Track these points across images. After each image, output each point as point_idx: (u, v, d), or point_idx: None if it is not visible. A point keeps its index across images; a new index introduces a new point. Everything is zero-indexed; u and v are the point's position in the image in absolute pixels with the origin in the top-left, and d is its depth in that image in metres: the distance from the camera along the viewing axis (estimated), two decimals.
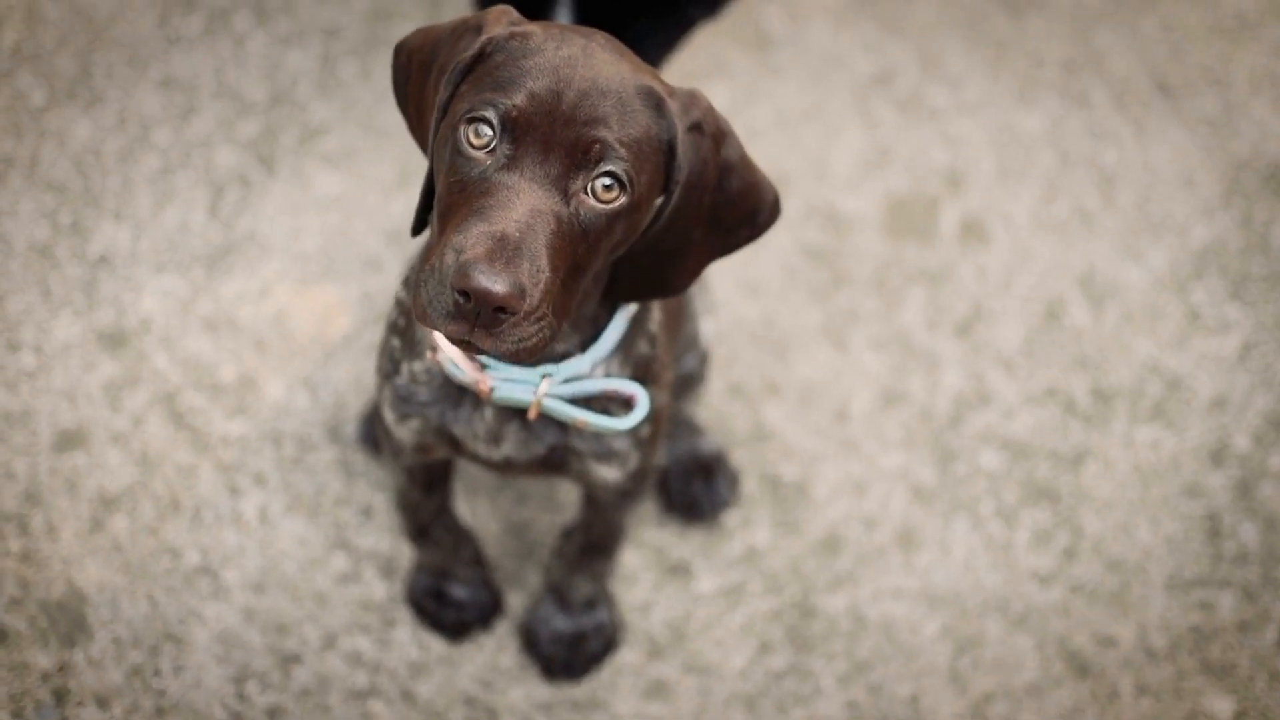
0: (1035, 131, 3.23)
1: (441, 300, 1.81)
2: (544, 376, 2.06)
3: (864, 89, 3.27)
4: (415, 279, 1.86)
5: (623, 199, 1.86)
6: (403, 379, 2.18)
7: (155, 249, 2.96)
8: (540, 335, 1.84)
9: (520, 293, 1.79)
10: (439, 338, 2.08)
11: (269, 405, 2.82)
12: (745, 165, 1.99)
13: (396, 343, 2.19)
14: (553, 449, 2.17)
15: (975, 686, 2.65)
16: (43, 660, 2.58)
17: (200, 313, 2.90)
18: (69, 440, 2.77)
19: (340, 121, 3.14)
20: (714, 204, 1.97)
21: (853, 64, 3.30)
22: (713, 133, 1.94)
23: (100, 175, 3.04)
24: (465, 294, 1.78)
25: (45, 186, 3.02)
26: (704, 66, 3.27)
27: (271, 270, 2.95)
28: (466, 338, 1.83)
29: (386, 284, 2.94)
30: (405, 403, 2.19)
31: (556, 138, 1.84)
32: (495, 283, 1.78)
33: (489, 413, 2.14)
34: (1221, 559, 2.77)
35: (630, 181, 1.86)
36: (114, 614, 2.63)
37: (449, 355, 2.07)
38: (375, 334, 2.90)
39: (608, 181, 1.85)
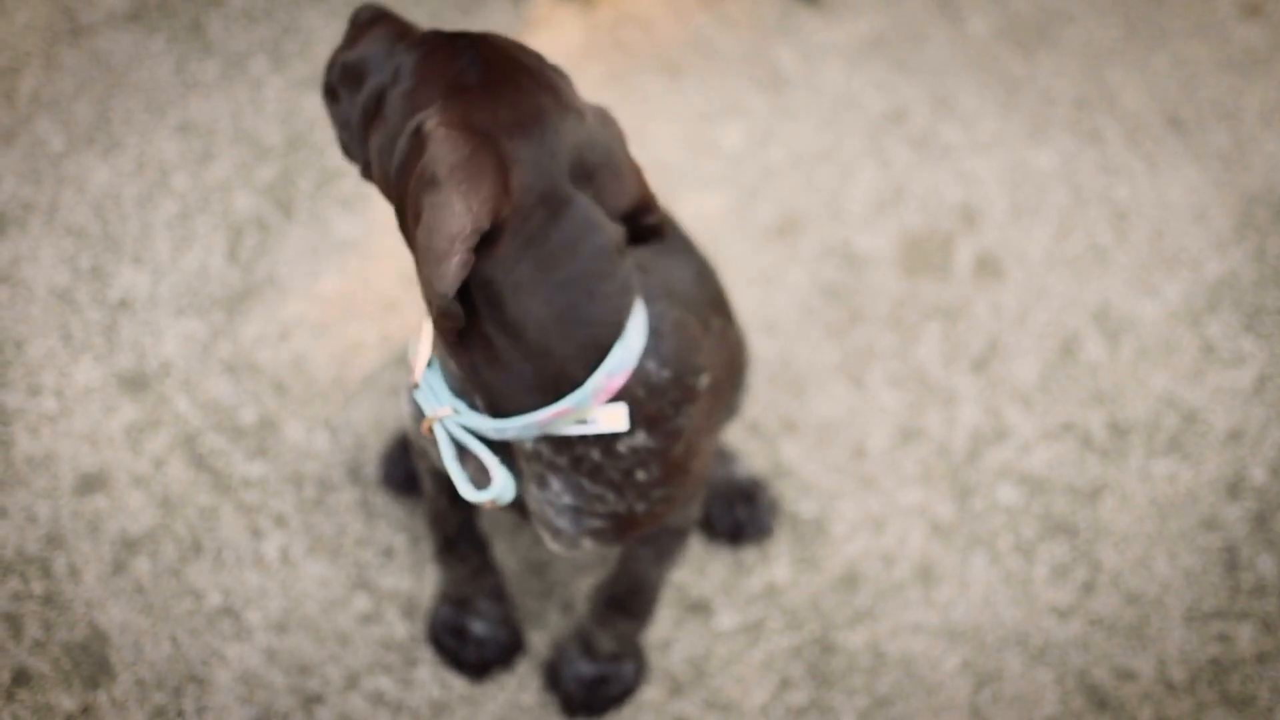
0: (1048, 168, 3.24)
1: None
2: (454, 408, 2.08)
3: (877, 128, 3.29)
4: None
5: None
6: None
7: (175, 293, 2.98)
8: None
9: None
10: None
11: (289, 447, 2.84)
12: None
13: None
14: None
15: None
16: (66, 702, 2.59)
17: (220, 356, 2.92)
18: (91, 483, 2.78)
19: None
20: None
21: (866, 104, 3.32)
22: (428, 155, 1.96)
23: (119, 220, 3.06)
24: None
25: (65, 232, 3.04)
26: (718, 107, 3.29)
27: (290, 313, 2.97)
28: None
29: (405, 325, 2.95)
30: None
31: None
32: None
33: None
34: (1239, 591, 2.78)
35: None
36: (137, 655, 2.64)
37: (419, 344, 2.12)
38: (395, 376, 2.91)
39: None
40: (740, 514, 2.78)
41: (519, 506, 2.20)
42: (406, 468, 2.77)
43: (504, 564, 2.75)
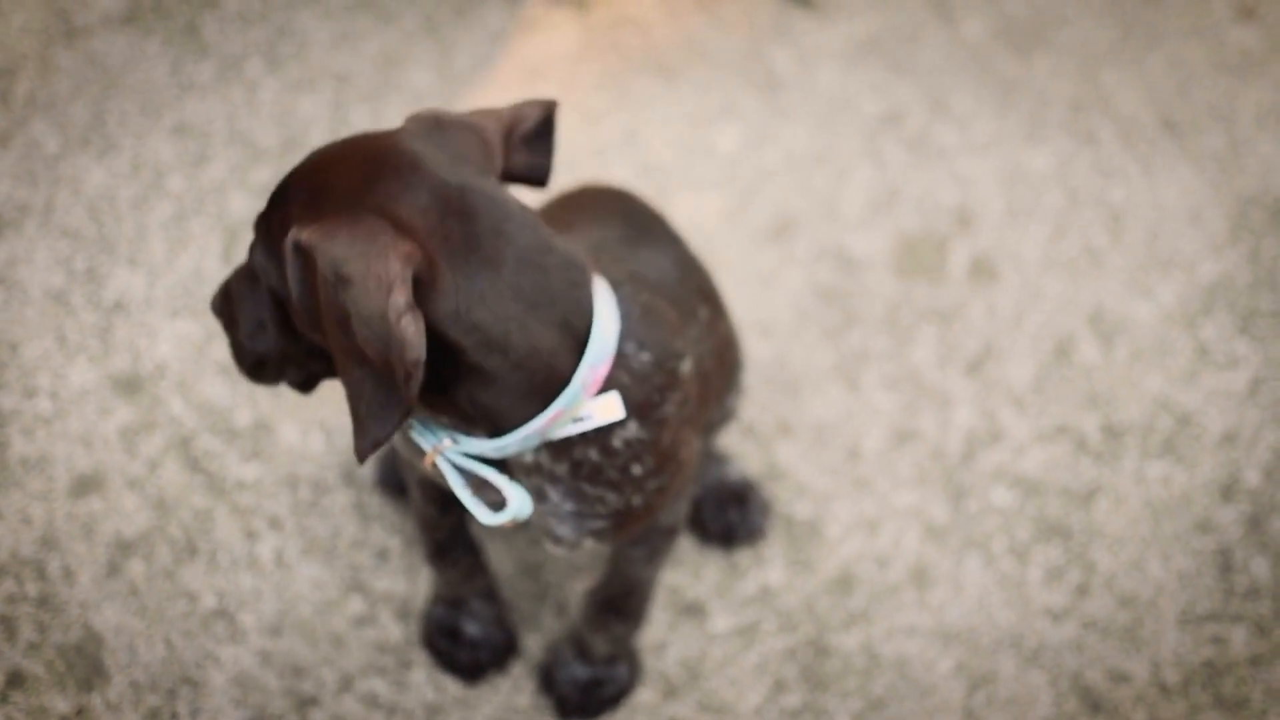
0: (1043, 170, 3.24)
1: None
2: (450, 438, 2.04)
3: (873, 130, 3.29)
4: None
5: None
6: None
7: (170, 294, 2.98)
8: (238, 353, 2.13)
9: (220, 317, 2.13)
10: None
11: (284, 449, 2.84)
12: None
13: None
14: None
15: None
16: (61, 704, 2.59)
17: (215, 357, 2.92)
18: (85, 485, 2.78)
19: None
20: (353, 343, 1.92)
21: (861, 105, 3.32)
22: (325, 274, 1.89)
23: (114, 222, 3.06)
24: None
25: (60, 233, 3.04)
26: (713, 109, 3.29)
27: None
28: None
29: None
30: None
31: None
32: (213, 302, 2.15)
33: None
34: (1233, 594, 2.78)
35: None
36: (131, 658, 2.64)
37: None
38: None
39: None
40: (732, 516, 2.78)
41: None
42: (400, 470, 2.77)
43: (498, 567, 2.75)
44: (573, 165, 3.19)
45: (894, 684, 2.69)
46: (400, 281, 1.81)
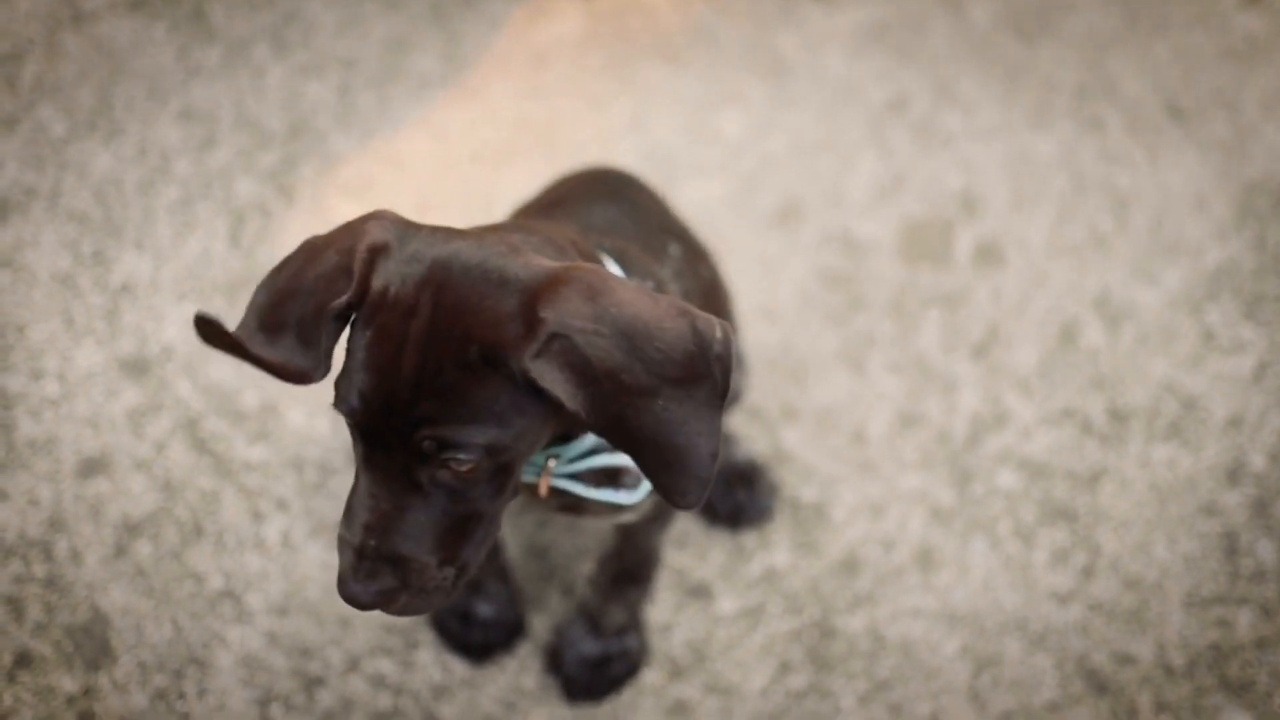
0: (1049, 156, 3.24)
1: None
2: (550, 457, 2.02)
3: (878, 116, 3.29)
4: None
5: (485, 461, 1.78)
6: None
7: (176, 278, 2.99)
8: (445, 587, 1.86)
9: (389, 595, 1.82)
10: None
11: (290, 431, 2.84)
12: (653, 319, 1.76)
13: None
14: (562, 497, 2.14)
15: (995, 705, 2.66)
16: (68, 684, 2.59)
17: None
18: (92, 467, 2.79)
19: (359, 151, 3.17)
20: (646, 373, 1.75)
21: (867, 92, 3.32)
22: (581, 327, 1.72)
23: (121, 206, 3.06)
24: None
25: (67, 217, 3.04)
26: (719, 95, 3.29)
27: None
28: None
29: None
30: None
31: (395, 436, 1.76)
32: (362, 596, 1.81)
33: None
34: (1239, 576, 2.78)
35: (479, 448, 1.76)
36: (138, 638, 2.64)
37: None
38: None
39: (455, 463, 1.78)
40: (740, 496, 2.78)
41: (575, 506, 2.17)
42: None
43: (506, 548, 2.76)
44: (578, 151, 3.20)
45: (899, 666, 2.69)
46: (645, 291, 1.78)
